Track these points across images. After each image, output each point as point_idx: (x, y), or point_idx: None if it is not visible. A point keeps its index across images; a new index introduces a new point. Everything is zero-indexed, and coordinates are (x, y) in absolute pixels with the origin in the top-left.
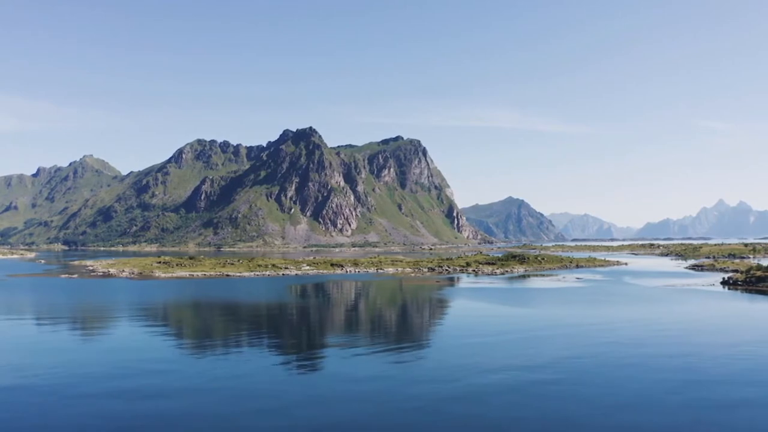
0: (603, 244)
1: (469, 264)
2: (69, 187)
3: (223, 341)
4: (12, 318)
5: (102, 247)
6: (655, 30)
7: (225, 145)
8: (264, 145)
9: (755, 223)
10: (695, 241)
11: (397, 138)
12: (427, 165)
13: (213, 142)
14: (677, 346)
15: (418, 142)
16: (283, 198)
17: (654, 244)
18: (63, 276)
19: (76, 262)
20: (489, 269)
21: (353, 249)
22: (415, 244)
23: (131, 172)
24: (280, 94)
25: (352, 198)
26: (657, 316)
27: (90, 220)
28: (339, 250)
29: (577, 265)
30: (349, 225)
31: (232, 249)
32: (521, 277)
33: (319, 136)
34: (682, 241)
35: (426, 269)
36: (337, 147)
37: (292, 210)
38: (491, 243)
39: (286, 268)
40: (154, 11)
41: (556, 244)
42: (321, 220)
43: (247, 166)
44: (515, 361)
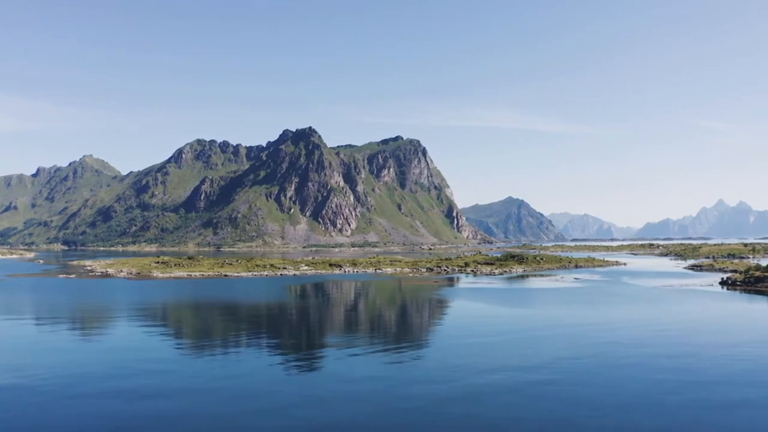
0: (602, 244)
1: (467, 264)
2: (69, 187)
3: (220, 341)
4: (10, 318)
5: (102, 247)
6: (655, 30)
7: (225, 145)
8: (264, 145)
9: (755, 223)
10: (695, 241)
11: (396, 138)
12: (427, 165)
13: (213, 142)
14: (675, 346)
15: (418, 142)
16: (282, 198)
17: (653, 244)
18: (61, 276)
19: (74, 262)
20: (488, 269)
21: (353, 249)
22: (415, 244)
23: (131, 172)
24: (280, 94)
25: (352, 198)
26: (655, 317)
27: (90, 220)
28: (338, 250)
29: (575, 266)
30: (349, 225)
31: (232, 249)
32: (520, 277)
33: (319, 136)
34: (682, 241)
35: (424, 269)
36: (336, 147)
37: (292, 210)
38: (491, 243)
39: (284, 268)
40: (154, 11)
41: (555, 244)
42: (320, 220)
43: (246, 166)
44: (513, 361)
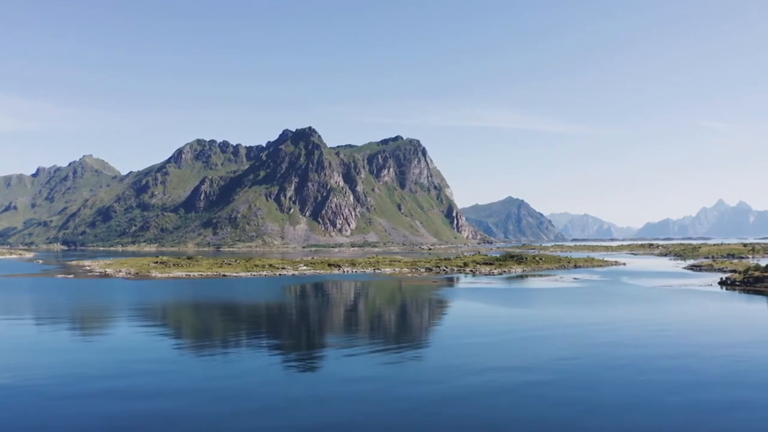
0: (602, 244)
1: (466, 264)
2: (68, 187)
3: (217, 341)
4: (7, 318)
5: (101, 247)
6: (655, 30)
7: (224, 145)
8: (263, 145)
9: (755, 223)
10: (695, 241)
11: (396, 138)
12: (427, 165)
13: (212, 142)
14: (673, 346)
15: (418, 142)
16: (282, 198)
17: (653, 244)
18: (59, 276)
19: (73, 262)
20: (487, 269)
21: (352, 249)
22: (415, 244)
23: (131, 172)
24: (280, 94)
25: (352, 198)
26: (653, 317)
27: (89, 220)
28: (338, 250)
29: (575, 266)
30: (349, 225)
31: (232, 249)
32: (519, 277)
33: (319, 136)
34: (682, 242)
35: (423, 269)
36: (336, 147)
37: (292, 210)
38: (491, 243)
39: (283, 268)
40: (154, 11)
41: (555, 244)
42: (320, 220)
43: (246, 166)
44: (510, 361)
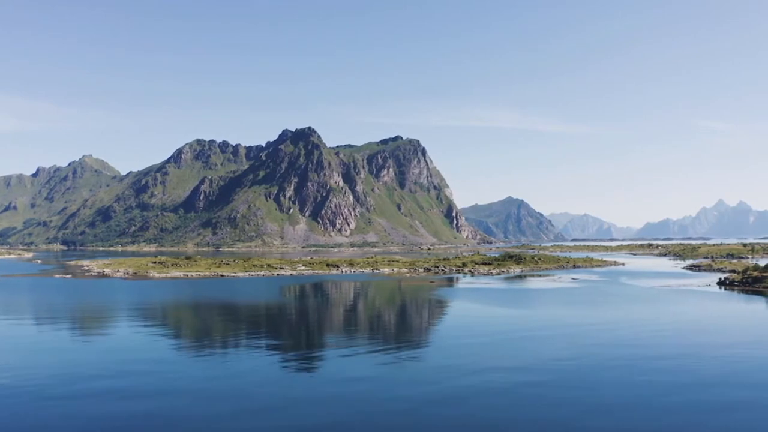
0: (602, 244)
1: (465, 264)
2: (68, 187)
3: (214, 342)
4: (4, 318)
5: (101, 247)
6: (655, 30)
7: (224, 145)
8: (263, 145)
9: (755, 223)
10: (694, 241)
11: (396, 138)
12: (427, 165)
13: (212, 142)
14: (669, 347)
15: (418, 142)
16: (281, 198)
17: (652, 245)
18: (57, 276)
19: (72, 262)
20: (485, 269)
21: (352, 249)
22: (414, 244)
23: (130, 172)
24: (280, 94)
25: (351, 198)
26: (650, 317)
27: (89, 220)
28: (338, 250)
29: (573, 266)
30: (348, 225)
31: (231, 249)
32: (517, 277)
33: (318, 136)
34: (681, 242)
35: (422, 269)
36: (336, 147)
37: (291, 210)
38: (490, 243)
39: (281, 268)
40: (154, 11)
41: (555, 244)
42: (320, 220)
43: (246, 166)
44: (505, 362)
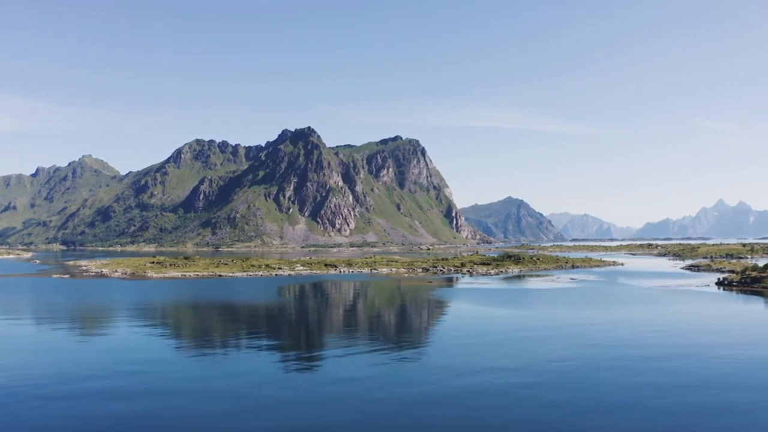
0: (601, 244)
1: (463, 264)
2: (68, 187)
3: (208, 342)
4: (1, 318)
5: (100, 247)
6: (655, 30)
7: (224, 145)
8: (262, 145)
9: (755, 223)
10: (694, 242)
11: (395, 138)
12: (426, 165)
13: (212, 142)
14: (665, 348)
15: (417, 142)
16: (281, 198)
17: (652, 245)
18: (55, 276)
19: (71, 262)
20: (484, 269)
21: (351, 249)
22: (414, 244)
23: (130, 172)
24: (280, 94)
25: (351, 198)
26: (647, 318)
27: (88, 220)
28: (337, 250)
29: (572, 266)
30: (348, 225)
31: (231, 249)
32: (516, 277)
33: (318, 136)
34: (681, 242)
35: (420, 269)
36: (335, 147)
37: (291, 210)
38: (490, 243)
39: (279, 268)
40: (154, 11)
41: (554, 244)
42: (319, 220)
43: (245, 166)
44: (499, 362)
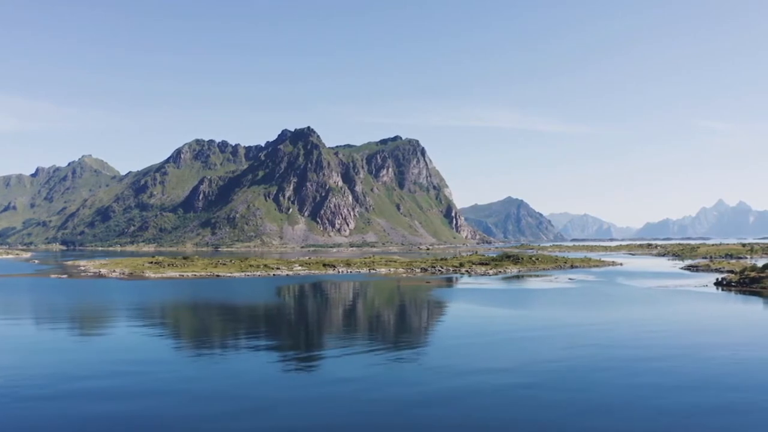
0: (601, 244)
1: (462, 264)
2: (67, 187)
3: (202, 342)
4: None
5: (100, 247)
6: (655, 30)
7: (223, 145)
8: (262, 145)
9: (755, 223)
10: (694, 242)
11: (395, 138)
12: (426, 165)
13: (211, 142)
14: (662, 348)
15: (417, 142)
16: (281, 198)
17: (651, 245)
18: (53, 276)
19: (69, 262)
20: (482, 269)
21: (351, 249)
22: (413, 244)
23: (129, 172)
24: (280, 94)
25: (350, 198)
26: (645, 318)
27: (88, 220)
28: (336, 250)
29: (571, 266)
30: (347, 225)
31: (230, 249)
32: (514, 277)
33: (318, 136)
34: (681, 242)
35: (419, 270)
36: (335, 147)
37: (290, 210)
38: (489, 243)
39: (277, 268)
40: (154, 11)
41: (554, 244)
42: (319, 220)
43: (245, 166)
44: (494, 363)
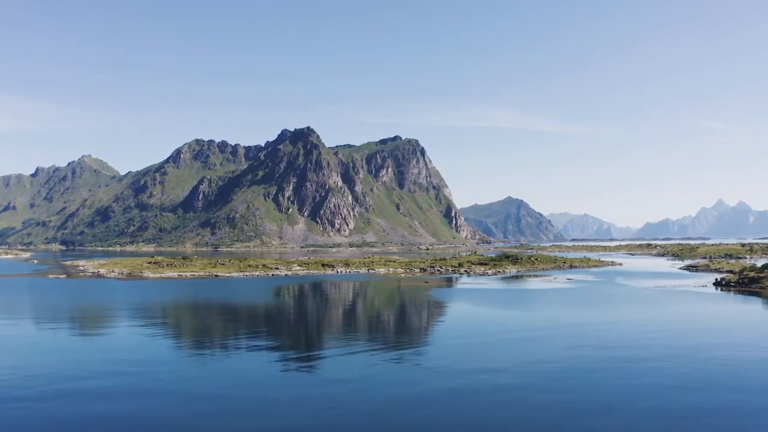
0: (600, 244)
1: (461, 264)
2: (67, 187)
3: (200, 342)
4: None
5: (100, 247)
6: (655, 30)
7: (223, 145)
8: (262, 145)
9: (755, 223)
10: (693, 242)
11: (395, 138)
12: (426, 165)
13: (211, 142)
14: (659, 349)
15: (417, 141)
16: (280, 198)
17: (651, 245)
18: (51, 276)
19: (68, 262)
20: (481, 270)
21: (350, 249)
22: (413, 245)
23: (129, 172)
24: (279, 94)
25: (350, 198)
26: (642, 318)
27: (88, 220)
28: (336, 250)
29: (570, 266)
30: (347, 225)
31: (230, 249)
32: (513, 277)
33: (317, 136)
34: (681, 242)
35: (418, 270)
36: (335, 147)
37: (290, 210)
38: (489, 243)
39: (276, 268)
40: (154, 11)
41: (554, 244)
42: (318, 220)
43: (244, 166)
44: (490, 363)
